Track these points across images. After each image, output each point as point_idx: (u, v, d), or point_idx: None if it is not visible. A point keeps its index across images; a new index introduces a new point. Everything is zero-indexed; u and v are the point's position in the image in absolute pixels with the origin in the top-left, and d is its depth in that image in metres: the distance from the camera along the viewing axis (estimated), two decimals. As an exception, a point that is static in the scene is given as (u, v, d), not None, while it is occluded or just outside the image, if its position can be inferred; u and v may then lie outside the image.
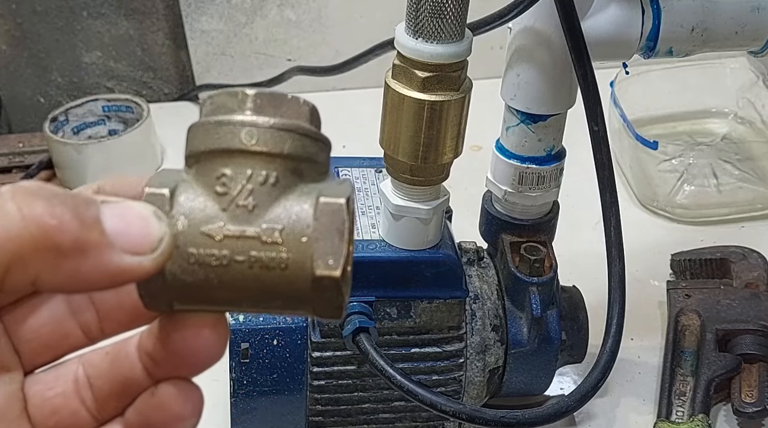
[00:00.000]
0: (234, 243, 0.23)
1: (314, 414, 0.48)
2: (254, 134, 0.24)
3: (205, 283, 0.23)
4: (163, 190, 0.24)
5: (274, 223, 0.23)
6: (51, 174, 0.81)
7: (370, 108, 0.89)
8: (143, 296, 0.24)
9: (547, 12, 0.43)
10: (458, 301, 0.47)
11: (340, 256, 0.23)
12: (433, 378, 0.48)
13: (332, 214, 0.23)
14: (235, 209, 0.24)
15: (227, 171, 0.24)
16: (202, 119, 0.25)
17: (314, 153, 0.25)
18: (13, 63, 0.90)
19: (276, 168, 0.24)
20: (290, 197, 0.24)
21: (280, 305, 0.24)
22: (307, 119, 0.25)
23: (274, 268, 0.23)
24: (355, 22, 0.89)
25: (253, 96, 0.24)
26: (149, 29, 0.90)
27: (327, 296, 0.24)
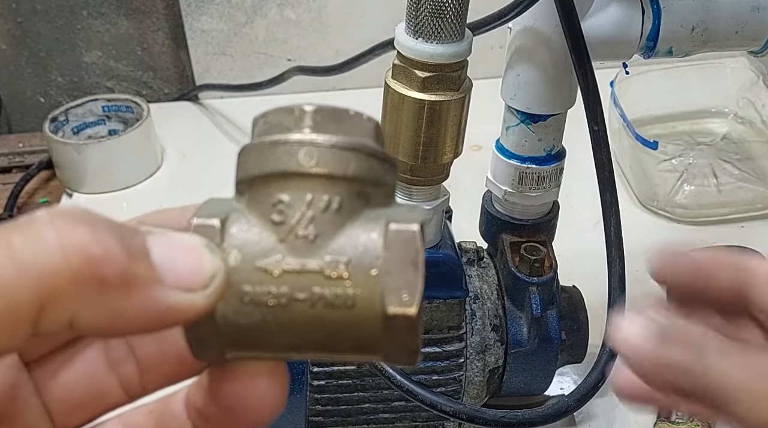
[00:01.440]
0: (294, 279, 0.20)
1: (314, 414, 0.48)
2: (314, 154, 0.21)
3: (261, 326, 0.21)
4: (212, 220, 0.21)
5: (339, 255, 0.21)
6: (51, 174, 0.81)
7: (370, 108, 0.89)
8: (191, 342, 0.21)
9: (547, 12, 0.43)
10: (458, 301, 0.47)
11: (415, 291, 0.20)
12: (433, 378, 0.48)
13: (405, 243, 0.21)
14: (294, 240, 0.21)
15: (284, 197, 0.21)
16: (254, 140, 0.22)
17: (381, 175, 0.22)
18: (13, 62, 0.90)
19: (339, 192, 0.21)
20: (356, 225, 0.21)
21: (348, 350, 0.21)
22: (372, 136, 0.22)
23: (339, 307, 0.20)
24: (355, 22, 0.89)
25: (311, 112, 0.22)
26: (149, 29, 0.90)
27: (401, 339, 0.21)
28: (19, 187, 0.78)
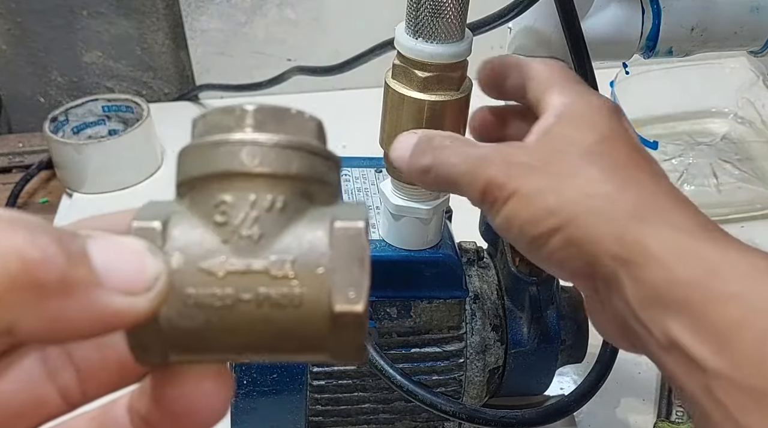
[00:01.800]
0: (239, 280, 0.20)
1: (314, 414, 0.48)
2: (257, 154, 0.21)
3: (206, 328, 0.20)
4: (153, 223, 0.20)
5: (284, 254, 0.20)
6: (51, 174, 0.81)
7: (370, 108, 0.89)
8: (134, 347, 0.20)
9: (547, 12, 0.43)
10: (458, 301, 0.47)
11: (362, 287, 0.20)
12: (433, 378, 0.48)
13: (350, 240, 0.20)
14: (238, 241, 0.20)
15: (227, 197, 0.21)
16: (194, 140, 0.22)
17: (324, 173, 0.22)
18: (13, 62, 0.90)
19: (283, 191, 0.21)
20: (300, 224, 0.21)
21: (295, 349, 0.21)
22: (315, 135, 0.22)
23: (286, 306, 0.20)
24: (354, 22, 0.89)
25: (252, 111, 0.21)
26: (149, 29, 0.90)
27: (348, 336, 0.21)
28: (19, 187, 0.78)
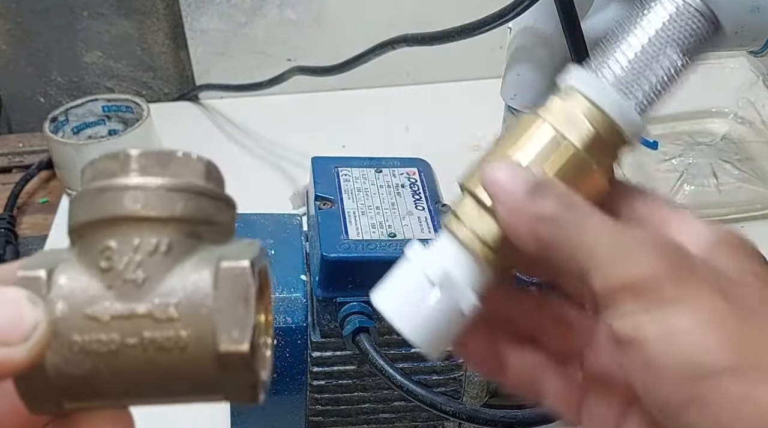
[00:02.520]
0: (123, 325, 0.20)
1: (314, 413, 0.48)
2: (139, 198, 0.21)
3: (94, 374, 0.20)
4: (38, 272, 0.21)
5: (168, 296, 0.20)
6: (51, 174, 0.81)
7: (370, 108, 0.89)
8: (24, 396, 0.21)
9: (547, 12, 0.43)
10: (458, 301, 0.47)
11: (246, 327, 0.20)
12: (432, 377, 0.48)
13: (234, 279, 0.20)
14: (122, 286, 0.20)
15: (112, 243, 0.21)
16: (82, 187, 0.22)
17: (213, 214, 0.22)
18: (13, 62, 0.90)
19: (168, 234, 0.21)
20: (187, 265, 0.21)
21: (187, 392, 0.21)
22: (202, 176, 0.22)
23: (171, 349, 0.20)
24: (355, 22, 0.89)
25: (136, 156, 0.22)
26: (149, 29, 0.90)
27: (237, 377, 0.20)
28: (19, 187, 0.78)
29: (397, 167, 0.53)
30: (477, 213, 0.27)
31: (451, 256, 0.27)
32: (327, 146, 0.79)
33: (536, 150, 0.26)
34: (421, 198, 0.50)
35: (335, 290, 0.44)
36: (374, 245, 0.45)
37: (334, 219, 0.47)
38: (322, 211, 0.48)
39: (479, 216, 0.27)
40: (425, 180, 0.52)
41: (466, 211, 0.27)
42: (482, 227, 0.27)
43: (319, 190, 0.49)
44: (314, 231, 0.47)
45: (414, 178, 0.52)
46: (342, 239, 0.45)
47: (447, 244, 0.27)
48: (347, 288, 0.44)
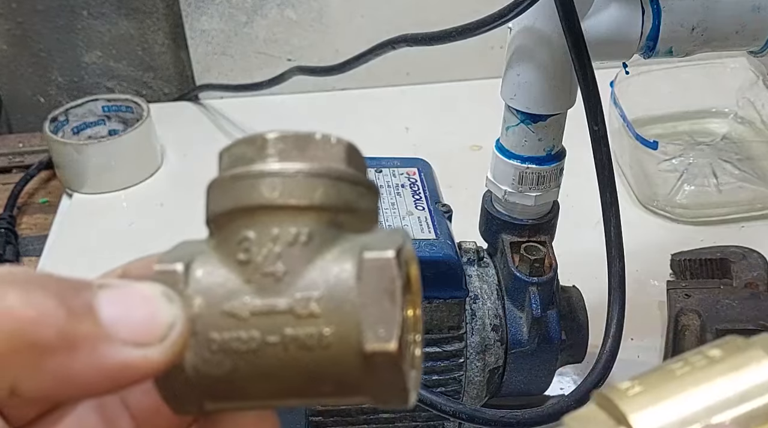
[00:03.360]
0: (263, 321, 0.19)
1: (314, 413, 0.48)
2: (277, 185, 0.20)
3: (235, 374, 0.19)
4: (176, 265, 0.19)
5: (310, 290, 0.19)
6: (51, 174, 0.82)
7: (370, 108, 0.89)
8: (166, 397, 0.20)
9: (547, 12, 0.43)
10: (458, 301, 0.47)
11: (393, 324, 0.18)
12: (433, 378, 0.48)
13: (379, 271, 0.19)
14: (261, 279, 0.19)
15: (250, 233, 0.20)
16: (218, 175, 0.21)
17: (353, 200, 0.20)
18: (14, 62, 0.90)
19: (307, 223, 0.20)
20: (328, 257, 0.19)
21: (331, 393, 0.20)
22: (343, 160, 0.21)
23: (314, 348, 0.19)
24: (355, 22, 0.89)
25: (273, 140, 0.20)
26: (149, 29, 0.90)
27: (384, 377, 0.19)
28: (19, 187, 0.78)
29: (397, 167, 0.53)
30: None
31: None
32: (327, 146, 0.79)
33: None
34: (421, 198, 0.50)
35: (335, 290, 0.44)
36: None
37: (334, 219, 0.47)
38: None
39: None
40: (425, 180, 0.52)
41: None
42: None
43: (319, 190, 0.49)
44: (314, 231, 0.47)
45: (414, 178, 0.52)
46: (342, 239, 0.45)
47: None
48: (347, 288, 0.44)
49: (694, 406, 0.20)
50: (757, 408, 0.19)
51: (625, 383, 0.21)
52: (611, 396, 0.21)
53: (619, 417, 0.20)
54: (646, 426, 0.20)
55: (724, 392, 0.20)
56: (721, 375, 0.20)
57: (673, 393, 0.20)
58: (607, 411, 0.21)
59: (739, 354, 0.20)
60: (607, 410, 0.21)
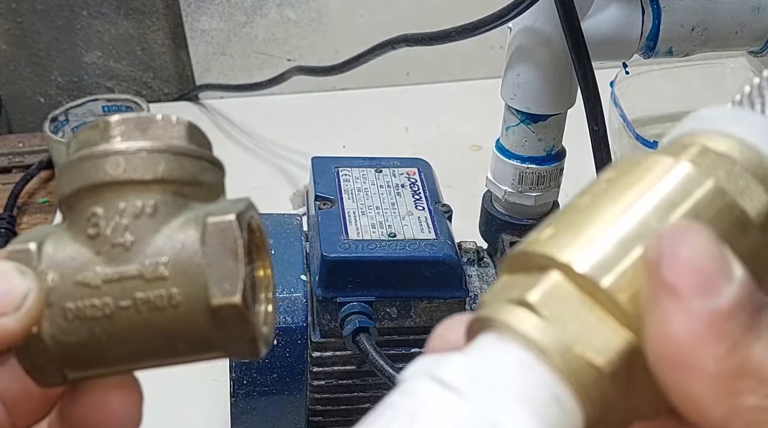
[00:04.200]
0: (115, 288, 0.20)
1: (314, 414, 0.48)
2: (120, 163, 0.21)
3: (92, 340, 0.20)
4: (28, 244, 0.21)
5: (158, 256, 0.20)
6: (51, 174, 0.81)
7: (370, 108, 0.89)
8: (28, 368, 0.21)
9: (547, 12, 0.43)
10: (458, 301, 0.47)
11: (236, 279, 0.20)
12: (433, 377, 0.48)
13: (222, 233, 0.20)
14: (110, 250, 0.21)
15: (98, 209, 0.21)
16: (66, 160, 0.22)
17: (197, 173, 0.22)
18: (13, 62, 0.90)
19: (153, 195, 0.21)
20: (173, 225, 0.21)
21: (186, 351, 0.21)
22: (184, 137, 0.22)
23: (164, 308, 0.20)
24: (355, 22, 0.89)
25: (114, 123, 0.21)
26: (149, 29, 0.90)
27: (233, 330, 0.20)
28: (19, 187, 0.78)
29: (397, 167, 0.53)
30: (581, 314, 0.16)
31: (513, 401, 0.16)
32: (327, 146, 0.79)
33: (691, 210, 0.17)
34: (421, 198, 0.50)
35: (335, 290, 0.44)
36: (374, 245, 0.45)
37: (334, 219, 0.47)
38: (322, 211, 0.48)
39: (588, 321, 0.16)
40: (425, 180, 0.52)
41: (555, 309, 0.16)
42: (598, 342, 0.16)
43: (319, 190, 0.49)
44: (314, 231, 0.47)
45: (414, 178, 0.52)
46: (342, 239, 0.45)
47: (502, 374, 0.16)
48: (347, 288, 0.44)
49: (625, 225, 0.17)
50: (693, 206, 0.17)
51: (529, 235, 0.18)
52: (523, 249, 0.18)
53: (541, 264, 0.17)
54: (584, 261, 0.17)
55: (648, 201, 0.17)
56: (630, 188, 0.18)
57: (595, 220, 0.17)
58: (523, 270, 0.18)
59: (636, 167, 0.18)
60: (523, 269, 0.18)
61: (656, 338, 0.16)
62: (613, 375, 0.16)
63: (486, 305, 0.18)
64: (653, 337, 0.16)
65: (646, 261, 0.16)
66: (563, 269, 0.17)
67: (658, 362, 0.16)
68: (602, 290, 0.16)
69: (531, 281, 0.17)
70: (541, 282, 0.17)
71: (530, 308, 0.17)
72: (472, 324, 0.18)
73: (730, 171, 0.17)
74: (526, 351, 0.16)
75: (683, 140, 0.19)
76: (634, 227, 0.17)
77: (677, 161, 0.18)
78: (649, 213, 0.17)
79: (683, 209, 0.17)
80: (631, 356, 0.16)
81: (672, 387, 0.16)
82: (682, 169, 0.18)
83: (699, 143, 0.18)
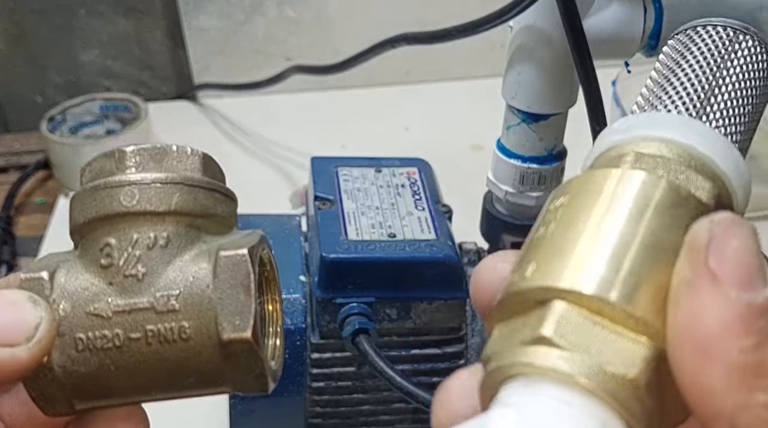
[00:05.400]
0: (126, 319, 0.20)
1: (313, 415, 0.48)
2: (135, 194, 0.21)
3: (101, 371, 0.20)
4: (41, 273, 0.21)
5: (169, 289, 0.21)
6: (48, 174, 0.81)
7: (370, 108, 0.89)
8: (36, 398, 0.21)
9: (548, 10, 0.43)
10: (459, 302, 0.47)
11: (248, 314, 0.20)
12: (433, 379, 0.48)
13: (234, 267, 0.20)
14: (123, 281, 0.21)
15: (111, 240, 0.21)
16: (80, 188, 0.22)
17: (210, 205, 0.22)
18: (11, 62, 0.90)
19: (166, 228, 0.21)
20: (186, 258, 0.21)
21: (194, 384, 0.21)
22: (198, 169, 0.22)
23: (175, 341, 0.20)
24: (355, 21, 0.88)
25: (130, 153, 0.22)
26: (147, 28, 0.90)
27: (243, 364, 0.20)
28: (15, 187, 0.78)
29: (397, 167, 0.52)
30: (599, 334, 0.16)
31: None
32: (327, 146, 0.79)
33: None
34: (421, 198, 0.49)
35: (335, 291, 0.44)
36: (374, 246, 0.45)
37: (334, 219, 0.46)
38: (321, 211, 0.47)
39: (607, 339, 0.16)
40: (425, 180, 0.51)
41: (572, 337, 0.16)
42: (625, 356, 0.16)
43: (318, 190, 0.49)
44: (313, 232, 0.47)
45: (414, 178, 0.51)
46: (341, 239, 0.45)
47: (548, 419, 0.16)
48: (347, 289, 0.44)
49: (607, 239, 0.17)
50: (657, 205, 0.18)
51: (510, 280, 0.18)
52: (514, 291, 0.17)
53: (539, 299, 0.17)
54: (586, 282, 0.16)
55: (617, 212, 0.17)
56: (593, 205, 0.18)
57: (574, 243, 0.17)
58: (517, 313, 0.17)
59: (586, 186, 0.18)
60: (517, 312, 0.17)
61: (685, 320, 0.16)
62: (647, 385, 0.16)
63: (496, 357, 0.17)
64: (682, 319, 0.16)
65: (691, 244, 0.17)
66: (566, 295, 0.17)
67: (681, 344, 0.16)
68: (612, 304, 0.16)
69: (535, 318, 0.17)
70: (548, 315, 0.17)
71: (548, 342, 0.16)
72: (487, 379, 0.18)
73: (669, 168, 0.18)
74: (559, 387, 0.16)
75: (611, 153, 0.20)
76: (616, 239, 0.17)
77: (623, 170, 0.18)
78: (623, 223, 0.17)
79: (651, 210, 0.18)
80: (657, 362, 0.16)
81: (688, 372, 0.16)
82: (633, 175, 0.18)
83: (630, 151, 0.19)
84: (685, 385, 0.16)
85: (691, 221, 0.17)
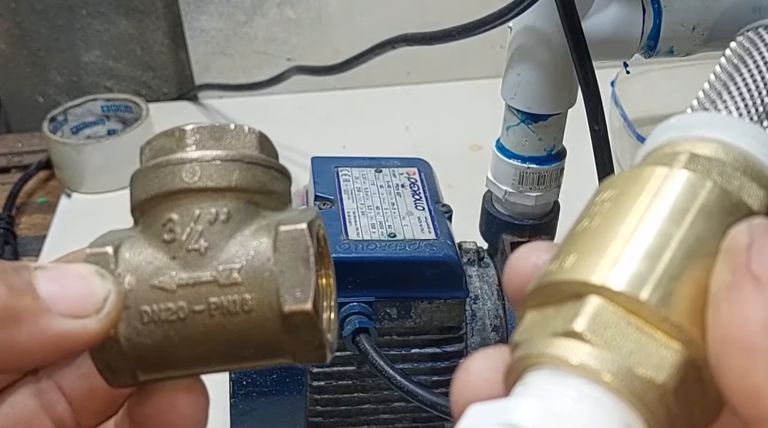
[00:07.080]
0: (190, 292, 0.21)
1: (314, 414, 0.48)
2: (196, 171, 0.22)
3: (165, 343, 0.21)
4: (105, 248, 0.22)
5: (231, 263, 0.21)
6: (50, 174, 0.81)
7: (370, 108, 0.89)
8: (101, 369, 0.21)
9: (547, 11, 0.43)
10: (458, 301, 0.47)
11: (309, 286, 0.21)
12: (433, 378, 0.48)
13: (294, 242, 0.21)
14: (186, 255, 0.21)
15: (173, 215, 0.22)
16: (141, 166, 0.23)
17: (267, 182, 0.23)
18: (12, 62, 0.90)
19: (226, 203, 0.22)
20: (246, 233, 0.22)
21: (255, 355, 0.22)
22: (256, 147, 0.23)
23: (237, 313, 0.21)
24: (355, 21, 0.88)
25: (190, 131, 0.22)
26: (148, 28, 0.90)
27: (303, 336, 0.21)
28: (17, 187, 0.78)
29: (397, 167, 0.53)
30: (632, 334, 0.16)
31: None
32: (327, 146, 0.79)
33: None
34: (421, 198, 0.50)
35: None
36: (374, 246, 0.45)
37: (334, 219, 0.47)
38: (321, 211, 0.47)
39: (640, 340, 0.16)
40: (425, 180, 0.51)
41: (605, 334, 0.16)
42: (655, 359, 0.16)
43: (318, 190, 0.49)
44: (314, 231, 0.47)
45: (414, 178, 0.52)
46: (342, 239, 0.45)
47: (572, 411, 0.16)
48: (347, 288, 0.44)
49: (646, 237, 0.17)
50: (703, 208, 0.17)
51: (549, 267, 0.18)
52: (550, 280, 0.17)
53: (575, 292, 0.17)
54: (622, 280, 0.16)
55: (659, 211, 0.17)
56: (637, 202, 0.18)
57: (614, 238, 0.17)
58: (552, 303, 0.17)
59: (635, 182, 0.19)
60: (552, 302, 0.17)
61: (728, 322, 0.16)
62: (675, 390, 0.16)
63: (526, 344, 0.17)
64: (724, 322, 0.16)
65: (731, 248, 0.17)
66: (603, 292, 0.17)
67: (724, 347, 0.16)
68: (646, 305, 0.16)
69: (569, 311, 0.17)
70: (582, 309, 0.17)
71: (579, 337, 0.16)
72: (514, 364, 0.18)
73: (723, 172, 0.18)
74: (586, 383, 0.16)
75: (666, 150, 0.20)
76: (654, 238, 0.17)
77: (673, 170, 0.18)
78: (663, 222, 0.17)
79: (694, 213, 0.17)
80: (686, 369, 0.16)
81: (734, 374, 0.16)
82: (682, 176, 0.18)
83: (685, 150, 0.19)
84: (730, 387, 0.16)
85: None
